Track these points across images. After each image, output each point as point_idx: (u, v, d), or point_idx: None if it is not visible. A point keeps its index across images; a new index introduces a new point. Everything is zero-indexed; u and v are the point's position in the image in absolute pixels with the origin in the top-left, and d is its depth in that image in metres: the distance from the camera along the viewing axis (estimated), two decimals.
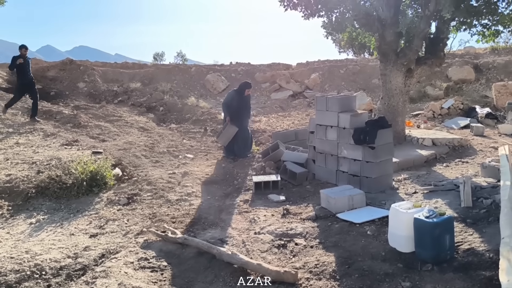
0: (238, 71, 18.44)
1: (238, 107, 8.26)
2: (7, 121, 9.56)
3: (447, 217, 3.90)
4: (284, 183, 6.71)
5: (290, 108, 14.60)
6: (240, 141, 8.26)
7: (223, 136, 8.29)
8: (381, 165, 6.09)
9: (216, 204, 5.91)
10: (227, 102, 8.44)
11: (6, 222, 5.40)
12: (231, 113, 8.29)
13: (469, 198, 5.08)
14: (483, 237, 4.17)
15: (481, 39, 8.63)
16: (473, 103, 12.96)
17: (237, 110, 8.25)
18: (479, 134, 9.75)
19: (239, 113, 8.29)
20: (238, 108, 8.26)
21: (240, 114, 8.31)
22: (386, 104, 8.72)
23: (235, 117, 8.24)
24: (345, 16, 8.66)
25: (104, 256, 4.38)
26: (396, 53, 8.47)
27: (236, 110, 8.25)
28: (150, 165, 7.59)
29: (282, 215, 5.35)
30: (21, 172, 6.66)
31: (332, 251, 4.21)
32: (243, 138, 8.33)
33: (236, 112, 8.26)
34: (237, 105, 8.26)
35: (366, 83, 16.80)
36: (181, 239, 4.53)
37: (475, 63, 16.34)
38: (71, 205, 5.93)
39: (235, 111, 8.26)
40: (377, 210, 5.13)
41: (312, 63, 19.99)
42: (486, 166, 6.32)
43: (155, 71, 17.53)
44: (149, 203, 5.85)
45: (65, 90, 14.54)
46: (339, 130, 6.39)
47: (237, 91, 8.38)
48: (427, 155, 7.82)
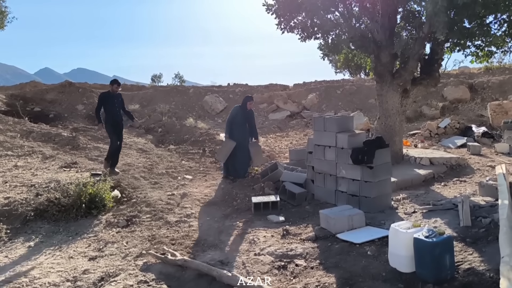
0: (236, 92, 18.60)
1: (240, 123, 8.31)
2: (5, 144, 9.57)
3: (446, 237, 3.91)
4: (283, 203, 6.72)
5: (288, 128, 14.69)
6: (239, 159, 8.24)
7: (220, 151, 8.28)
8: (380, 185, 6.12)
9: (216, 225, 5.90)
10: (231, 118, 8.44)
11: (4, 246, 5.36)
12: (232, 129, 8.28)
13: (468, 217, 5.09)
14: (483, 256, 4.17)
15: (475, 59, 8.77)
16: (469, 122, 13.08)
17: (239, 126, 8.29)
18: (476, 153, 9.82)
19: (240, 130, 8.30)
20: (241, 124, 8.31)
21: (241, 130, 8.31)
22: (383, 124, 8.80)
23: (237, 134, 8.25)
24: (341, 38, 8.82)
25: (104, 279, 4.35)
26: (392, 74, 8.60)
27: (238, 126, 8.29)
28: (149, 186, 7.59)
29: (281, 235, 5.34)
30: (19, 195, 6.64)
31: (332, 272, 4.19)
32: (243, 157, 8.28)
33: (238, 128, 8.28)
34: (239, 120, 8.32)
35: (363, 103, 16.96)
36: (180, 261, 4.51)
37: (470, 82, 16.55)
38: (69, 227, 5.89)
39: (236, 127, 8.28)
40: (376, 230, 5.13)
41: (309, 84, 20.21)
42: (484, 185, 6.35)
43: (154, 93, 17.68)
44: (148, 225, 5.83)
45: (64, 112, 14.63)
46: (338, 150, 6.43)
47: (241, 106, 8.47)
48: (425, 174, 7.86)
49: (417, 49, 8.29)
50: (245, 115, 8.37)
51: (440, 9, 6.25)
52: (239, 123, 8.30)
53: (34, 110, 14.41)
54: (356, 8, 8.88)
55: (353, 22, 8.67)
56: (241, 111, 8.38)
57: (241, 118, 8.33)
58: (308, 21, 8.71)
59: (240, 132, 8.30)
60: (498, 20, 7.70)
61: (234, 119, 8.35)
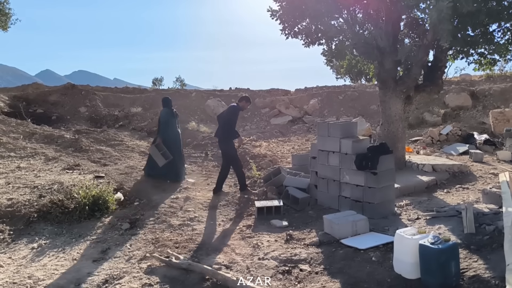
0: (238, 96, 18.62)
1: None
2: (8, 145, 9.58)
3: (452, 243, 3.92)
4: (286, 208, 6.72)
5: (290, 133, 14.70)
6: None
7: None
8: (383, 191, 6.13)
9: (219, 229, 5.91)
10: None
11: (7, 247, 5.36)
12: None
13: (472, 225, 5.09)
14: (488, 263, 4.17)
15: (477, 67, 8.81)
16: (470, 129, 13.10)
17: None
18: (478, 160, 9.83)
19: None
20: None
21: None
22: (386, 130, 8.81)
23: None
24: (344, 44, 8.86)
25: (108, 282, 4.35)
26: (395, 81, 8.62)
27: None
28: (152, 189, 7.59)
29: (285, 240, 5.34)
30: (22, 196, 6.64)
31: (337, 277, 4.20)
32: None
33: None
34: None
35: (365, 109, 16.99)
36: (185, 265, 4.51)
37: (471, 90, 16.59)
38: (73, 229, 5.90)
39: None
40: (381, 236, 5.13)
41: (311, 89, 20.25)
42: (487, 193, 6.36)
43: (156, 96, 17.70)
44: (152, 228, 5.84)
45: (67, 114, 14.65)
46: (341, 156, 6.45)
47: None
48: (428, 181, 7.86)
49: (420, 56, 8.32)
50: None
51: (444, 17, 6.27)
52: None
53: (36, 112, 14.43)
54: (360, 14, 8.92)
55: (356, 28, 8.70)
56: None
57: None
58: (312, 27, 8.76)
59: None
60: (502, 29, 7.74)
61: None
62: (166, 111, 8.55)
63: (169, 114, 8.53)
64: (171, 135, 8.38)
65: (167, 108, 8.59)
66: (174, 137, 8.45)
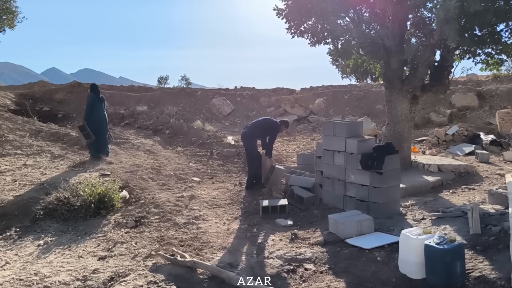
0: (244, 95, 18.63)
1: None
2: (15, 143, 9.64)
3: (458, 244, 3.91)
4: (291, 207, 6.72)
5: (295, 133, 14.68)
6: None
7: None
8: (389, 191, 6.11)
9: (224, 227, 5.91)
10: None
11: (14, 244, 5.41)
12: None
13: (478, 225, 5.07)
14: (494, 264, 4.15)
15: (485, 67, 8.75)
16: (477, 129, 13.01)
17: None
18: (484, 161, 9.78)
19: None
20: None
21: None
22: (391, 130, 8.79)
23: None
24: (350, 44, 8.84)
25: (113, 279, 4.37)
26: (401, 80, 8.59)
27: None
28: (157, 187, 7.62)
29: (290, 239, 5.34)
30: (29, 194, 6.69)
31: (342, 277, 4.19)
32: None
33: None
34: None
35: (370, 108, 16.93)
36: (190, 263, 4.52)
37: (478, 90, 16.49)
38: (78, 227, 5.93)
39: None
40: (386, 236, 5.12)
41: (316, 88, 20.19)
42: (493, 193, 6.33)
43: (161, 95, 17.74)
44: (157, 226, 5.85)
45: (73, 112, 14.70)
46: (347, 155, 6.43)
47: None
48: (434, 181, 7.83)
49: (427, 56, 8.28)
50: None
51: (451, 16, 6.24)
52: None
53: (43, 110, 14.49)
54: (366, 13, 8.89)
55: (363, 27, 8.67)
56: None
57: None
58: (318, 26, 8.74)
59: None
60: (509, 28, 7.68)
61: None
62: (92, 96, 9.33)
63: (95, 99, 9.29)
64: (96, 118, 9.21)
65: (93, 94, 9.35)
66: (100, 119, 9.29)
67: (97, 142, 9.05)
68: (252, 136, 8.00)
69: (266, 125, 8.17)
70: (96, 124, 9.15)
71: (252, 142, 8.04)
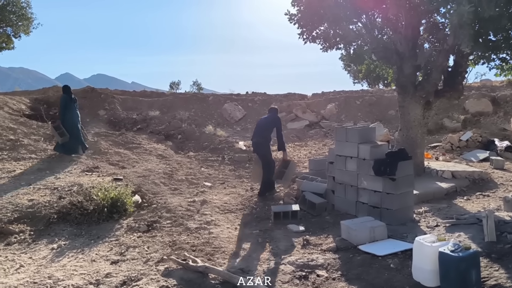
0: (255, 100, 18.66)
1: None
2: (29, 147, 9.78)
3: (473, 252, 3.85)
4: (303, 213, 6.69)
5: (307, 138, 14.64)
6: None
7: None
8: (402, 197, 6.05)
9: (236, 233, 5.91)
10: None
11: (28, 247, 5.47)
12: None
13: (493, 233, 5.00)
14: (510, 273, 4.09)
15: (499, 72, 8.65)
16: (491, 135, 12.84)
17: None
18: (499, 167, 9.63)
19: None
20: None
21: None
22: (404, 136, 8.72)
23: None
24: (363, 49, 8.82)
25: (126, 283, 4.39)
26: (414, 86, 8.53)
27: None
28: (169, 192, 7.65)
29: (302, 245, 5.32)
30: (43, 198, 6.77)
31: (355, 283, 4.16)
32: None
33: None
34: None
35: (383, 114, 16.82)
36: (202, 268, 4.53)
37: (492, 96, 16.29)
38: (91, 231, 5.98)
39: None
40: (399, 243, 5.07)
41: (328, 94, 20.14)
42: (509, 200, 6.23)
43: (173, 100, 17.85)
44: (169, 231, 5.87)
45: (86, 117, 14.83)
46: (359, 161, 6.40)
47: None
48: (447, 187, 7.74)
49: (440, 61, 8.21)
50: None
51: (466, 21, 6.18)
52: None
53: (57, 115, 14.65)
54: (379, 19, 8.86)
55: (375, 33, 8.64)
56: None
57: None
58: (331, 31, 8.74)
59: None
60: None
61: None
62: (65, 97, 9.88)
63: (67, 100, 9.84)
64: (69, 117, 9.75)
65: (66, 95, 9.91)
66: (72, 119, 9.83)
67: (72, 140, 9.58)
68: (264, 140, 7.93)
69: (265, 121, 8.16)
70: (70, 123, 9.72)
71: (266, 148, 7.96)
